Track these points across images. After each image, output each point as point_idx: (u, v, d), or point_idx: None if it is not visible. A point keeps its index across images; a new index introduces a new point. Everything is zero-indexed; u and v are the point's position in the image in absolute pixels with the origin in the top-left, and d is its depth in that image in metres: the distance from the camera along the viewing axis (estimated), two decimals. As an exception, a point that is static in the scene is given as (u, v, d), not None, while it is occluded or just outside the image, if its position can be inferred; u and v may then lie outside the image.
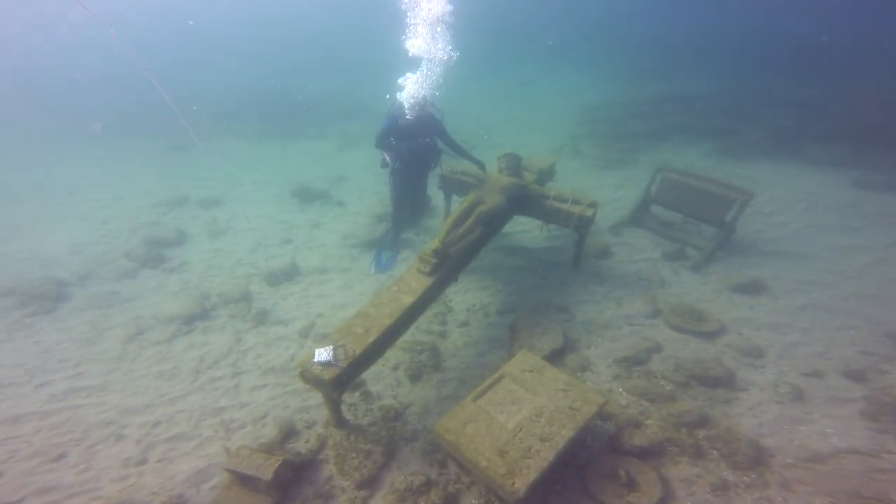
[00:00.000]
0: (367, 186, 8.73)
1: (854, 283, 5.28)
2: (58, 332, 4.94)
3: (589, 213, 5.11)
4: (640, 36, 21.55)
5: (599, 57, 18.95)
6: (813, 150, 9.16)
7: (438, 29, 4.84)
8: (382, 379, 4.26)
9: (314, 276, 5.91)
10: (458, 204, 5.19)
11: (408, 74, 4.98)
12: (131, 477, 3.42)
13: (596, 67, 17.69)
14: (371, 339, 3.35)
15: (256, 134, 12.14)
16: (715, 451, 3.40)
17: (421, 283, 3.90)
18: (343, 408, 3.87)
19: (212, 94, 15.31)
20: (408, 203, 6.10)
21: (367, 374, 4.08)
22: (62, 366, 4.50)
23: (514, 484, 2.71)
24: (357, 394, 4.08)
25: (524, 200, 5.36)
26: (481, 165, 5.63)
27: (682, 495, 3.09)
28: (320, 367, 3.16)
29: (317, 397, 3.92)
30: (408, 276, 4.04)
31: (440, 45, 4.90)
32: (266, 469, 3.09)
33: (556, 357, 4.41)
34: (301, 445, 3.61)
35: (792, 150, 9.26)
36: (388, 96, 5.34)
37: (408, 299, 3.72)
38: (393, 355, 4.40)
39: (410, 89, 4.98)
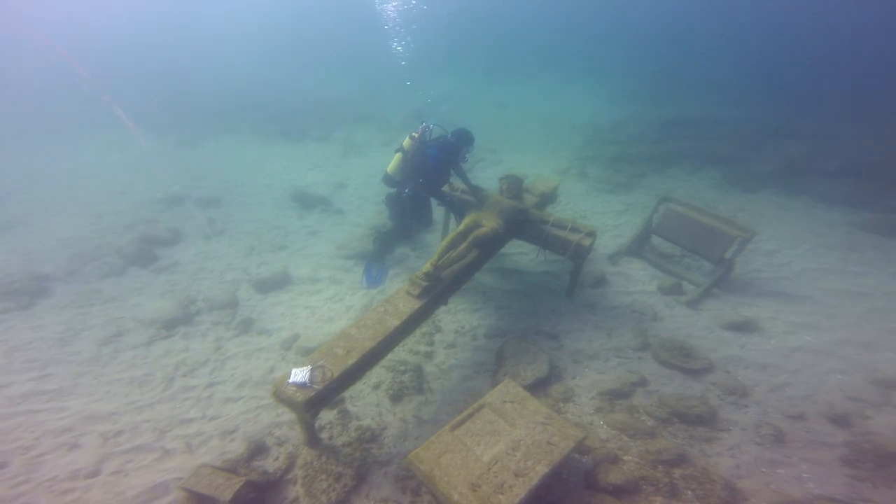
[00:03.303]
0: (368, 196, 8.72)
1: (850, 330, 5.18)
2: (31, 329, 4.81)
3: (586, 242, 5.06)
4: (652, 57, 21.79)
5: (610, 74, 19.09)
6: (823, 185, 9.01)
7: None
8: (362, 398, 4.16)
9: (304, 286, 5.85)
10: (453, 224, 5.17)
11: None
12: (76, 491, 3.23)
13: (606, 85, 17.79)
14: (351, 361, 3.27)
15: (262, 134, 12.19)
16: (690, 492, 3.29)
17: (409, 306, 3.83)
18: (318, 425, 3.78)
19: (220, 93, 15.45)
20: (410, 227, 6.06)
21: (347, 392, 3.99)
22: (27, 367, 4.35)
23: (483, 522, 2.61)
24: (334, 412, 3.97)
25: (523, 224, 5.31)
26: (478, 192, 5.56)
27: (654, 540, 2.96)
28: (294, 388, 3.07)
29: (291, 413, 3.82)
30: (396, 297, 3.97)
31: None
32: (226, 490, 2.97)
33: (540, 386, 4.31)
34: (269, 463, 3.50)
35: (801, 184, 9.16)
36: (423, 124, 5.34)
37: (393, 322, 3.65)
38: (375, 373, 4.31)
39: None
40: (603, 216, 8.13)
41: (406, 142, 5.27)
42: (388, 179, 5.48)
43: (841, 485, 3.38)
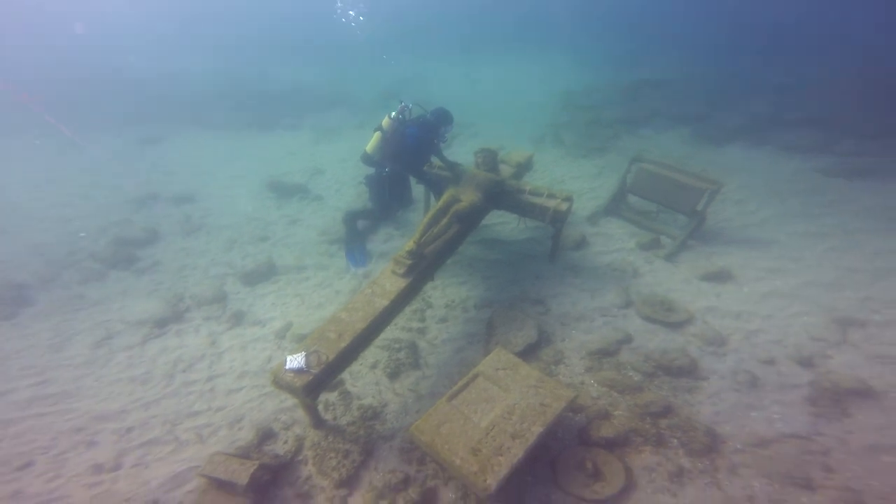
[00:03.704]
0: (346, 180, 8.61)
1: (813, 272, 5.51)
2: (19, 338, 4.80)
3: (564, 207, 5.17)
4: (619, 18, 21.48)
5: (580, 41, 18.86)
6: (787, 136, 9.36)
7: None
8: (361, 378, 4.30)
9: (291, 275, 5.86)
10: (434, 202, 5.20)
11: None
12: (104, 483, 3.40)
13: (577, 52, 17.61)
14: (344, 344, 3.37)
15: (229, 125, 11.75)
16: (675, 440, 3.58)
17: (395, 285, 3.92)
18: (321, 408, 3.92)
19: (181, 82, 14.70)
20: (390, 206, 6.04)
21: (346, 374, 4.13)
22: (25, 373, 4.39)
23: (486, 481, 2.81)
24: (335, 393, 4.12)
25: (501, 196, 5.38)
26: (454, 168, 5.57)
27: (642, 483, 3.25)
28: (292, 374, 3.17)
29: (293, 399, 3.95)
30: (382, 278, 4.05)
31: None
32: (242, 473, 3.12)
33: (531, 351, 4.52)
34: (279, 447, 3.65)
35: (766, 136, 9.46)
36: (402, 103, 5.27)
37: (382, 302, 3.74)
38: (371, 353, 4.44)
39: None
40: (579, 180, 8.25)
41: (385, 121, 5.21)
42: (367, 159, 5.44)
43: (803, 422, 3.70)
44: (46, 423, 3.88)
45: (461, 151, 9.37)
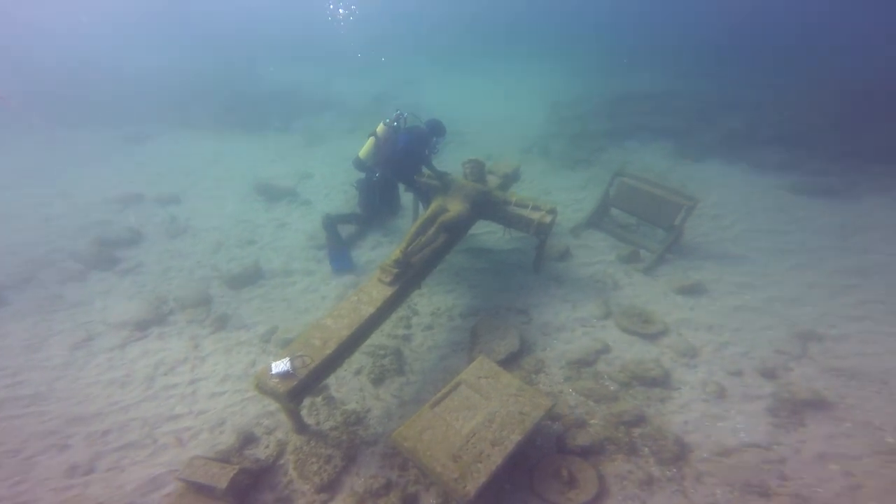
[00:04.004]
0: (335, 185, 8.65)
1: (778, 287, 5.79)
2: (-7, 338, 4.71)
3: (547, 219, 5.33)
4: (608, 30, 22.00)
5: (572, 49, 19.24)
6: (759, 153, 9.79)
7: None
8: (345, 384, 4.35)
9: (278, 279, 5.88)
10: (422, 209, 5.29)
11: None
12: (75, 487, 3.36)
13: (567, 60, 17.98)
14: (328, 351, 3.43)
15: (217, 126, 11.66)
16: (646, 448, 3.73)
17: (382, 293, 3.99)
18: (305, 412, 3.95)
19: (168, 81, 14.50)
20: (379, 212, 6.12)
21: (331, 379, 4.17)
22: None
23: (465, 487, 2.90)
24: (319, 398, 4.16)
25: (487, 206, 5.51)
26: (443, 178, 5.65)
27: (614, 490, 3.38)
28: (277, 379, 3.21)
29: (277, 404, 3.97)
30: (369, 286, 4.12)
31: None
32: (221, 478, 3.14)
33: (513, 360, 4.63)
34: (260, 451, 3.67)
35: (741, 152, 9.88)
36: (397, 111, 5.38)
37: (368, 310, 3.81)
38: (356, 359, 4.50)
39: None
40: (566, 191, 8.47)
41: (380, 127, 5.29)
42: (360, 164, 5.51)
43: (764, 432, 3.90)
44: (17, 426, 3.82)
45: (450, 160, 9.49)
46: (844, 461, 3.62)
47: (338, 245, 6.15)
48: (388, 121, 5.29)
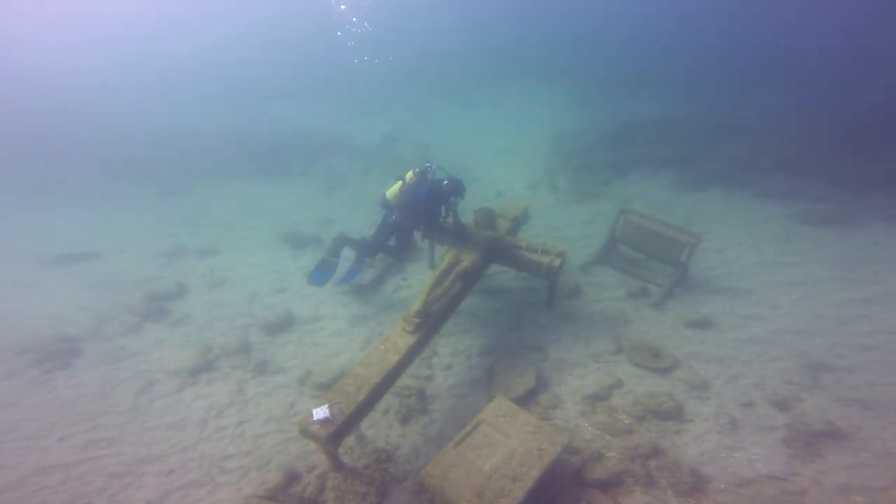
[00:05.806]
0: (356, 229, 9.22)
1: (787, 319, 5.99)
2: (72, 387, 5.31)
3: (556, 263, 5.73)
4: (609, 58, 22.70)
5: (575, 82, 19.89)
6: (762, 181, 9.96)
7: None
8: (375, 423, 4.74)
9: (308, 325, 6.39)
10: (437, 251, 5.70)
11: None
12: None
13: (572, 92, 18.41)
14: (361, 397, 3.89)
15: (242, 174, 12.40)
16: (663, 480, 3.96)
17: (406, 342, 4.46)
18: (341, 450, 4.34)
19: (199, 132, 15.64)
20: (389, 252, 6.55)
21: (363, 420, 4.57)
22: (80, 419, 4.87)
23: (488, 520, 3.22)
24: (353, 437, 4.55)
25: (499, 252, 5.97)
26: (461, 231, 6.03)
27: (632, 523, 3.62)
28: (318, 425, 3.66)
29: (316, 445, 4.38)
30: (394, 335, 4.59)
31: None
32: (275, 516, 3.54)
33: (530, 396, 4.95)
34: (302, 489, 4.06)
35: (744, 181, 10.08)
36: (427, 164, 5.77)
37: (394, 358, 4.27)
38: (384, 400, 4.86)
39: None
40: (573, 227, 8.88)
41: (409, 174, 5.72)
42: (384, 203, 5.97)
43: (780, 463, 4.07)
44: (99, 466, 4.34)
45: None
46: (869, 493, 3.70)
47: (331, 264, 6.60)
48: (417, 170, 5.72)
